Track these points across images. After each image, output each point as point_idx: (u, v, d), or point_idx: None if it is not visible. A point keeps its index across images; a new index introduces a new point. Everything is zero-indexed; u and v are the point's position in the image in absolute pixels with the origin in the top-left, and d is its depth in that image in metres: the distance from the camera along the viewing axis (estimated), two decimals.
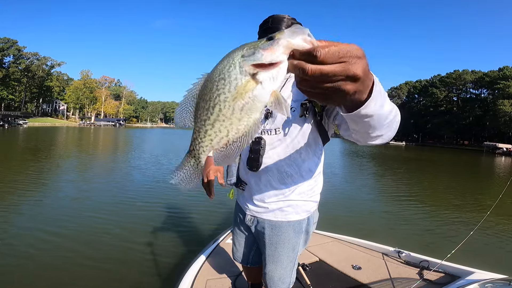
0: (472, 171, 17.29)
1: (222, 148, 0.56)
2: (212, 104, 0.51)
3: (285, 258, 1.34)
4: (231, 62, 0.50)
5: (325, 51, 0.44)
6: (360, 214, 5.86)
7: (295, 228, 1.34)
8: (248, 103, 0.50)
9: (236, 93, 0.49)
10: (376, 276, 2.37)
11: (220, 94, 0.50)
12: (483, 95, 64.98)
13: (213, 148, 0.57)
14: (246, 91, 0.49)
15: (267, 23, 1.29)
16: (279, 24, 1.26)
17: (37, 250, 3.46)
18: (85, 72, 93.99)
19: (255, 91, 0.49)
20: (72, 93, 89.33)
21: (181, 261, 3.24)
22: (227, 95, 0.50)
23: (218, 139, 0.55)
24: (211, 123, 0.53)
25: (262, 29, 1.31)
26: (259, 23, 1.36)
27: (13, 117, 56.26)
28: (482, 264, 2.44)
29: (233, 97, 0.49)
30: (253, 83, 0.49)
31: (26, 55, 72.25)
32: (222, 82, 0.50)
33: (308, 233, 1.43)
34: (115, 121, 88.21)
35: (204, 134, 0.55)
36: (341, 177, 10.81)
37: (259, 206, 1.36)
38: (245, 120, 0.52)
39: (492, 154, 39.66)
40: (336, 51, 0.44)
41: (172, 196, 6.24)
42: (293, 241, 1.34)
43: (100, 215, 4.80)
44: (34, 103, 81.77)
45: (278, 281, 1.36)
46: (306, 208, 1.35)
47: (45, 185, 7.12)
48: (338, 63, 0.45)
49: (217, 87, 0.50)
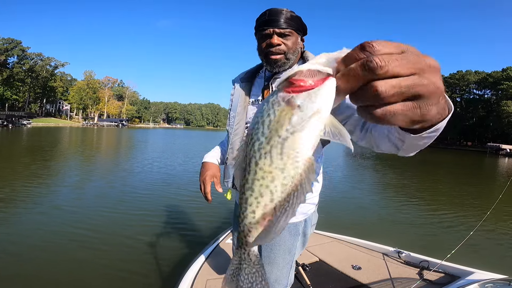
0: (474, 172, 17.19)
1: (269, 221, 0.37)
2: (248, 161, 0.37)
3: (280, 260, 1.34)
4: (265, 101, 0.37)
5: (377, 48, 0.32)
6: (360, 214, 5.85)
7: (291, 231, 1.32)
8: (287, 140, 0.34)
9: (270, 132, 0.35)
10: (376, 276, 2.37)
11: (254, 142, 0.36)
12: (486, 96, 64.57)
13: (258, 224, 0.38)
14: (282, 124, 0.34)
15: (264, 16, 1.21)
16: (276, 16, 1.19)
17: (36, 250, 3.47)
18: (89, 72, 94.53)
19: (293, 120, 0.34)
20: (75, 93, 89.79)
21: (181, 261, 3.25)
22: (261, 140, 0.35)
23: (261, 208, 0.37)
24: (250, 186, 0.37)
25: (258, 23, 1.24)
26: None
27: (17, 117, 56.59)
28: (482, 264, 2.44)
29: (268, 140, 0.35)
30: (288, 110, 0.34)
31: (30, 55, 72.64)
32: (256, 127, 0.36)
33: (306, 236, 1.42)
34: (118, 122, 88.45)
35: (245, 206, 0.38)
36: (342, 177, 10.79)
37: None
38: (290, 168, 0.35)
39: (495, 155, 39.38)
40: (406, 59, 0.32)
41: (172, 196, 6.27)
42: (289, 243, 1.33)
43: (100, 215, 4.81)
44: (38, 103, 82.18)
45: (274, 282, 1.35)
46: (303, 211, 1.33)
47: (47, 185, 7.16)
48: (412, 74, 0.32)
49: (252, 135, 0.37)
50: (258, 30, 1.24)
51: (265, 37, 1.21)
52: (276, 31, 1.18)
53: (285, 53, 1.20)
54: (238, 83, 1.40)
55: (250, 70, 1.42)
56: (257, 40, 1.27)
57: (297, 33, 1.23)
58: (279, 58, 1.20)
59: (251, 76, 1.40)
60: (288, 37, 1.20)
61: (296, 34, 1.22)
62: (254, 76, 1.41)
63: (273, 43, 1.18)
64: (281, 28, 1.18)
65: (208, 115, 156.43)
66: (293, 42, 1.21)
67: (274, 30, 1.18)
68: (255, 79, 1.40)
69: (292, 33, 1.20)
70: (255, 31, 1.26)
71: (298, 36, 1.24)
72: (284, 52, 1.20)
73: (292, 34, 1.21)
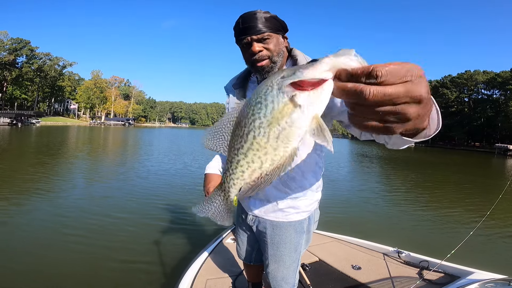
0: (478, 172, 16.88)
1: (253, 182, 0.50)
2: (247, 131, 0.46)
3: (287, 258, 1.35)
4: (269, 84, 0.44)
5: (385, 70, 0.37)
6: (360, 214, 5.82)
7: (296, 228, 1.34)
8: (284, 130, 0.43)
9: (272, 118, 0.43)
10: (376, 276, 2.37)
11: (255, 119, 0.44)
12: (495, 96, 63.59)
13: (244, 181, 0.50)
14: (283, 116, 0.43)
15: (239, 25, 1.15)
16: (251, 22, 1.12)
17: (37, 248, 3.50)
18: (96, 72, 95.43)
19: (293, 116, 0.42)
20: (83, 93, 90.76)
21: (181, 260, 3.25)
22: (262, 120, 0.44)
23: (250, 171, 0.48)
24: (244, 152, 0.47)
25: (236, 33, 1.18)
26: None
27: (26, 116, 57.25)
28: (482, 264, 2.43)
29: (269, 123, 0.43)
30: (291, 106, 0.42)
31: (39, 55, 73.48)
32: (258, 106, 0.44)
33: (310, 232, 1.44)
34: (124, 121, 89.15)
35: (236, 165, 0.49)
36: (343, 177, 10.76)
37: (261, 208, 1.36)
38: (281, 150, 0.45)
39: (503, 156, 38.75)
40: (398, 70, 0.38)
41: (172, 196, 6.30)
42: (295, 241, 1.35)
43: (100, 215, 4.82)
44: (46, 102, 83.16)
45: (281, 281, 1.36)
46: (307, 208, 1.35)
47: (52, 182, 7.25)
48: (400, 83, 0.38)
49: (253, 111, 0.45)
50: (237, 40, 1.19)
51: (246, 46, 1.17)
52: (254, 38, 1.13)
53: (269, 57, 1.16)
54: (231, 91, 1.39)
55: (241, 75, 1.38)
56: (241, 50, 1.22)
57: (277, 33, 1.17)
58: (265, 64, 1.16)
59: (243, 81, 1.37)
60: (268, 41, 1.14)
61: (276, 34, 1.17)
62: (246, 81, 1.38)
63: (255, 51, 1.14)
64: (258, 33, 1.12)
65: (213, 115, 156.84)
66: (274, 44, 1.16)
67: (251, 37, 1.13)
68: (247, 83, 1.38)
69: (270, 35, 1.15)
70: (235, 41, 1.21)
71: (278, 36, 1.18)
72: (269, 56, 1.15)
73: (271, 37, 1.15)
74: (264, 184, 0.49)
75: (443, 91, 69.21)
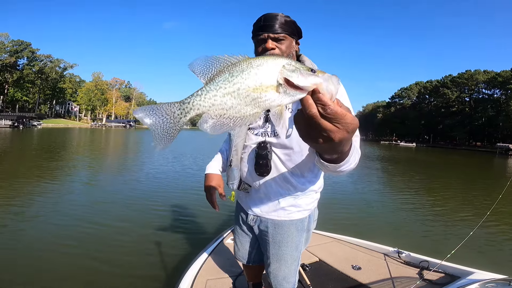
0: (478, 172, 16.85)
1: (215, 116, 0.58)
2: (236, 81, 0.56)
3: (289, 257, 1.36)
4: (274, 63, 0.57)
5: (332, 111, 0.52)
6: (360, 214, 5.81)
7: (297, 227, 1.35)
8: (260, 99, 0.56)
9: (260, 86, 0.56)
10: (376, 276, 2.36)
11: (248, 77, 0.56)
12: (495, 96, 63.57)
13: (208, 111, 0.58)
14: (266, 91, 0.56)
15: (260, 22, 1.26)
16: (271, 21, 1.23)
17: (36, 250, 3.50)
18: (97, 74, 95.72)
19: (271, 95, 0.56)
20: (84, 94, 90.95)
21: (181, 261, 3.24)
22: (249, 82, 0.56)
23: (219, 106, 0.57)
24: (224, 92, 0.57)
25: (255, 28, 1.29)
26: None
27: (28, 118, 57.43)
28: (482, 264, 2.42)
29: (254, 87, 0.56)
30: (274, 87, 0.56)
31: (40, 57, 73.85)
32: (255, 71, 0.56)
33: (309, 231, 1.45)
34: (125, 122, 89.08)
35: (210, 95, 0.57)
36: (343, 177, 10.70)
37: (263, 207, 1.37)
38: (249, 109, 0.57)
39: (505, 156, 38.66)
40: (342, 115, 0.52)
41: (172, 196, 6.30)
42: (296, 239, 1.36)
43: (100, 215, 4.83)
44: (48, 104, 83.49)
45: (282, 280, 1.37)
46: (308, 206, 1.36)
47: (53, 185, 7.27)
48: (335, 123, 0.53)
49: (250, 72, 0.56)
50: (254, 35, 1.28)
51: (260, 41, 1.26)
52: (270, 36, 1.23)
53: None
54: None
55: None
56: (254, 44, 1.31)
57: (291, 37, 1.27)
58: None
59: None
60: (282, 41, 1.24)
61: (290, 38, 1.26)
62: None
63: (268, 47, 1.23)
64: (275, 33, 1.22)
65: None
66: (287, 46, 1.25)
67: (268, 35, 1.23)
68: None
69: (286, 37, 1.24)
70: (252, 36, 1.31)
71: (292, 40, 1.28)
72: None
73: (286, 39, 1.25)
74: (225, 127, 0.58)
75: (444, 91, 69.29)
